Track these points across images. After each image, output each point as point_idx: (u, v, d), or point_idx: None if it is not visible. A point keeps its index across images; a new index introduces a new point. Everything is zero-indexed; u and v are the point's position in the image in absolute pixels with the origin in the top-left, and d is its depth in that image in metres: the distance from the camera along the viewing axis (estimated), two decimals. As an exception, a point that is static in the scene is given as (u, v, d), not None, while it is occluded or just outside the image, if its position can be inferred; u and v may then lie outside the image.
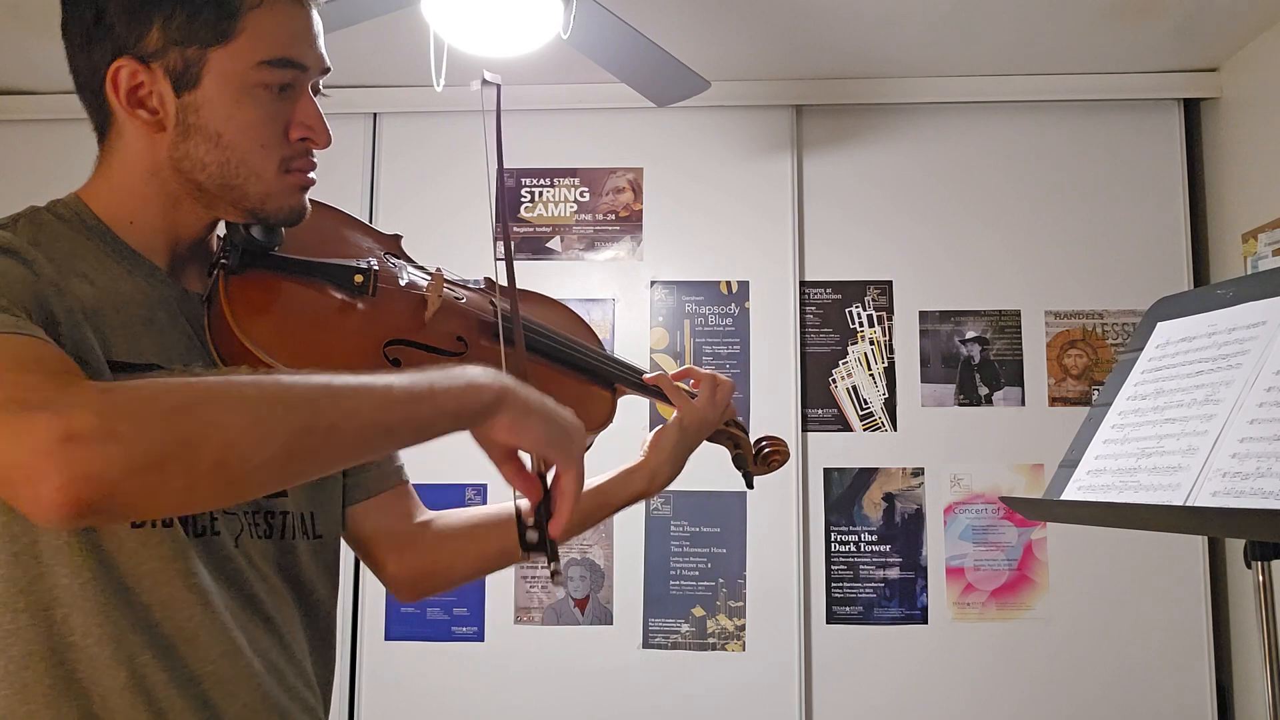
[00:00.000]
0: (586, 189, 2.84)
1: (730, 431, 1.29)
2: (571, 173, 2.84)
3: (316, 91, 0.95)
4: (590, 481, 1.18)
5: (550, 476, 0.87)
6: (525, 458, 0.89)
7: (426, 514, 1.16)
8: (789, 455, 1.33)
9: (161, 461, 0.65)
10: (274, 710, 0.90)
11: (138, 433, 0.64)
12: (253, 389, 0.70)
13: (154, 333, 0.89)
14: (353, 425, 0.73)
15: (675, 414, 1.22)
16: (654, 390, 1.24)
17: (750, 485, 1.33)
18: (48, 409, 0.64)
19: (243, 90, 0.88)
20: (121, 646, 0.82)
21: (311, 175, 0.95)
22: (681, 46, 2.29)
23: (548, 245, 2.82)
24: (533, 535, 0.87)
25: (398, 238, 1.12)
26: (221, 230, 0.98)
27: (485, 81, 0.99)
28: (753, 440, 1.32)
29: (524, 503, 0.89)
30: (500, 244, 2.43)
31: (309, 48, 0.92)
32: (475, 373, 0.82)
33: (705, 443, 1.27)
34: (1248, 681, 2.54)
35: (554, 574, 0.86)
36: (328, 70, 0.95)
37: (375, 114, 2.85)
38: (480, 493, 2.67)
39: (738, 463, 1.31)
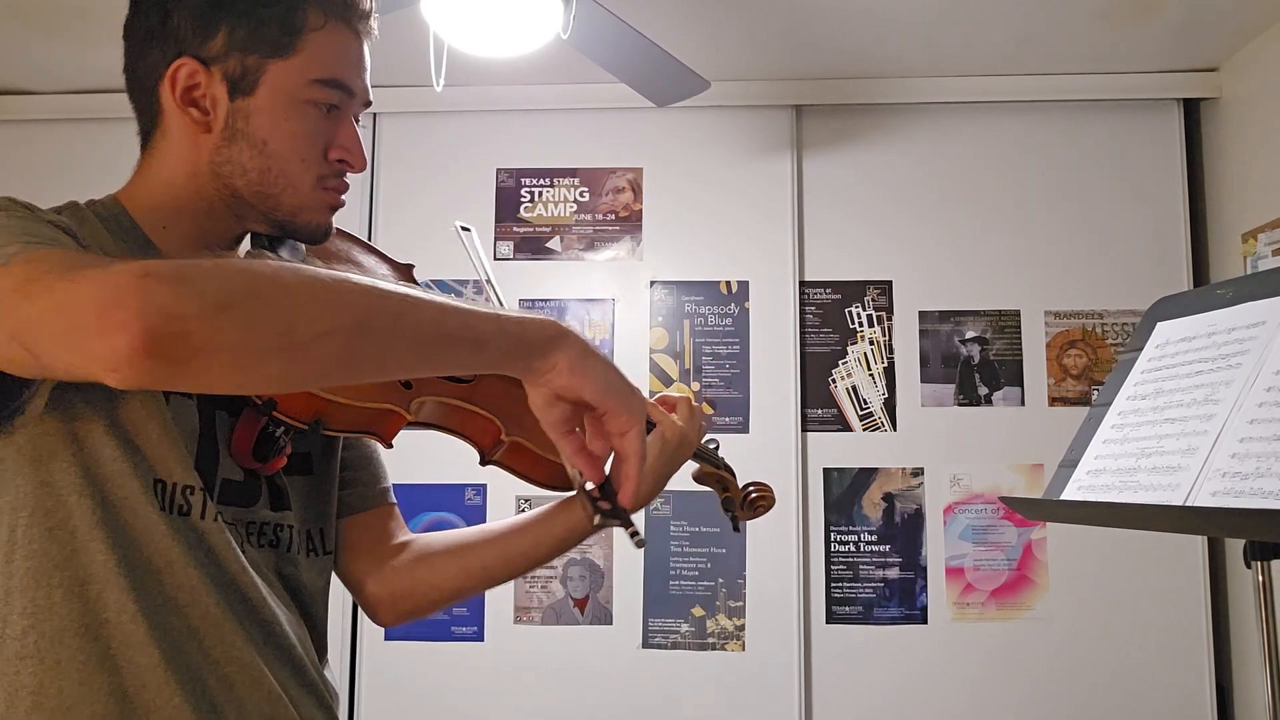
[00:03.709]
0: (586, 189, 2.84)
1: (720, 475, 1.31)
2: (571, 173, 2.84)
3: (356, 120, 0.98)
4: (560, 500, 1.17)
5: (610, 456, 0.88)
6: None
7: (408, 535, 1.17)
8: (775, 501, 1.34)
9: (229, 305, 0.65)
10: (293, 702, 0.92)
11: (212, 277, 0.66)
12: (322, 270, 0.71)
13: None
14: (412, 319, 0.74)
15: (657, 428, 1.19)
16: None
17: (736, 529, 1.35)
18: (125, 263, 0.66)
19: (293, 104, 0.92)
20: (156, 624, 0.83)
21: (342, 197, 0.98)
22: (681, 46, 2.29)
23: (547, 245, 2.82)
24: (605, 505, 0.87)
25: (410, 266, 1.14)
26: (243, 251, 1.00)
27: (462, 228, 1.07)
28: (741, 485, 1.34)
29: (586, 482, 0.89)
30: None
31: (358, 76, 0.96)
32: (540, 315, 0.83)
33: (696, 484, 1.29)
34: (1248, 681, 2.54)
35: (634, 535, 0.86)
36: (369, 103, 0.99)
37: (375, 114, 2.85)
38: (480, 492, 2.67)
39: (726, 506, 1.33)
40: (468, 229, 1.07)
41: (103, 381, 0.65)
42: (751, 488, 1.33)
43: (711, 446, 1.30)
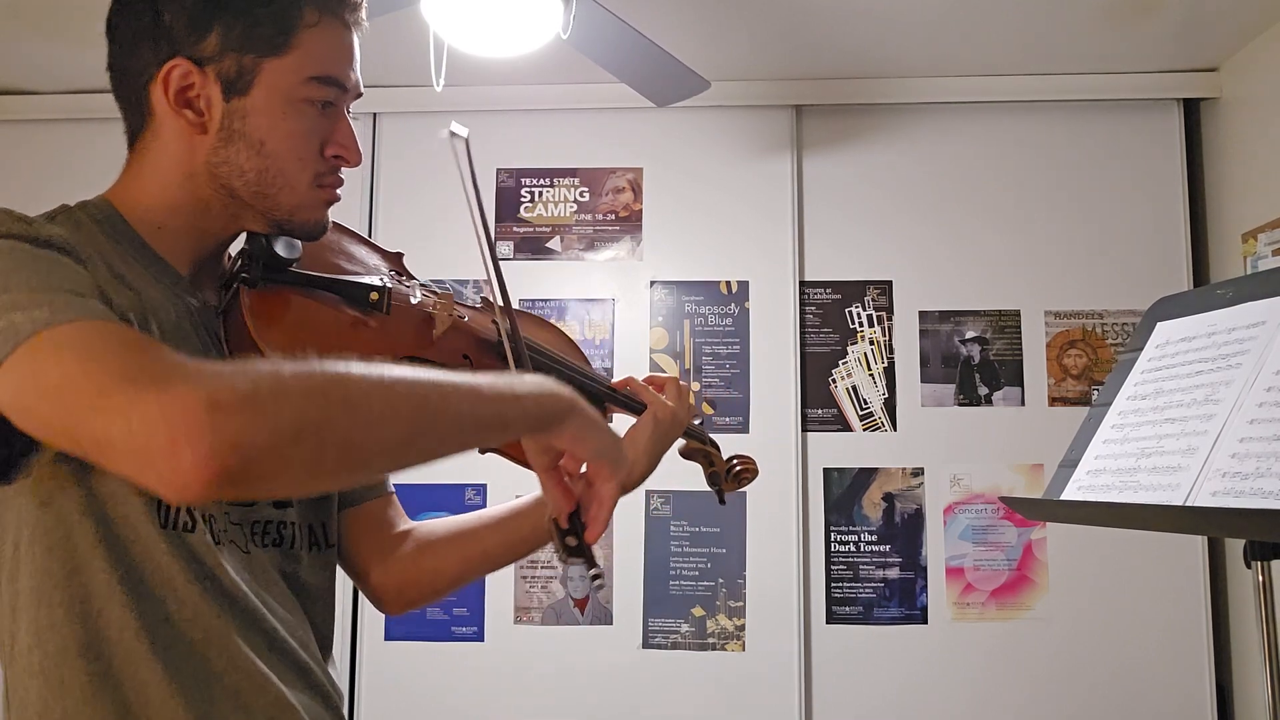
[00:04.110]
0: (586, 189, 2.84)
1: (706, 450, 1.34)
2: (571, 173, 2.84)
3: (347, 113, 0.98)
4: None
5: (585, 486, 0.91)
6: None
7: (408, 523, 1.18)
8: (758, 472, 1.37)
9: (298, 434, 0.66)
10: (300, 706, 0.91)
11: (279, 406, 0.66)
12: (372, 376, 0.72)
13: (182, 340, 0.89)
14: (453, 417, 0.77)
15: (648, 409, 1.23)
16: (624, 398, 1.24)
17: (722, 501, 1.38)
18: (187, 381, 0.65)
19: (289, 103, 0.91)
20: (158, 639, 0.83)
21: (338, 192, 0.97)
22: (681, 46, 2.29)
23: (547, 245, 2.82)
24: (571, 541, 0.91)
25: (400, 255, 1.14)
26: (233, 249, 1.00)
27: (453, 134, 1.01)
28: (725, 458, 1.37)
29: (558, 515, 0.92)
30: (495, 285, 2.41)
31: (351, 71, 0.96)
32: (547, 381, 0.85)
33: (683, 460, 1.32)
34: (1248, 681, 2.54)
35: (595, 578, 0.91)
36: (360, 95, 0.98)
37: (375, 114, 2.85)
38: (480, 492, 2.67)
39: (711, 480, 1.37)
40: (460, 134, 1.01)
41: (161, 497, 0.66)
42: (735, 460, 1.37)
43: (695, 422, 1.32)
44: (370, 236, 2.78)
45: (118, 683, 0.81)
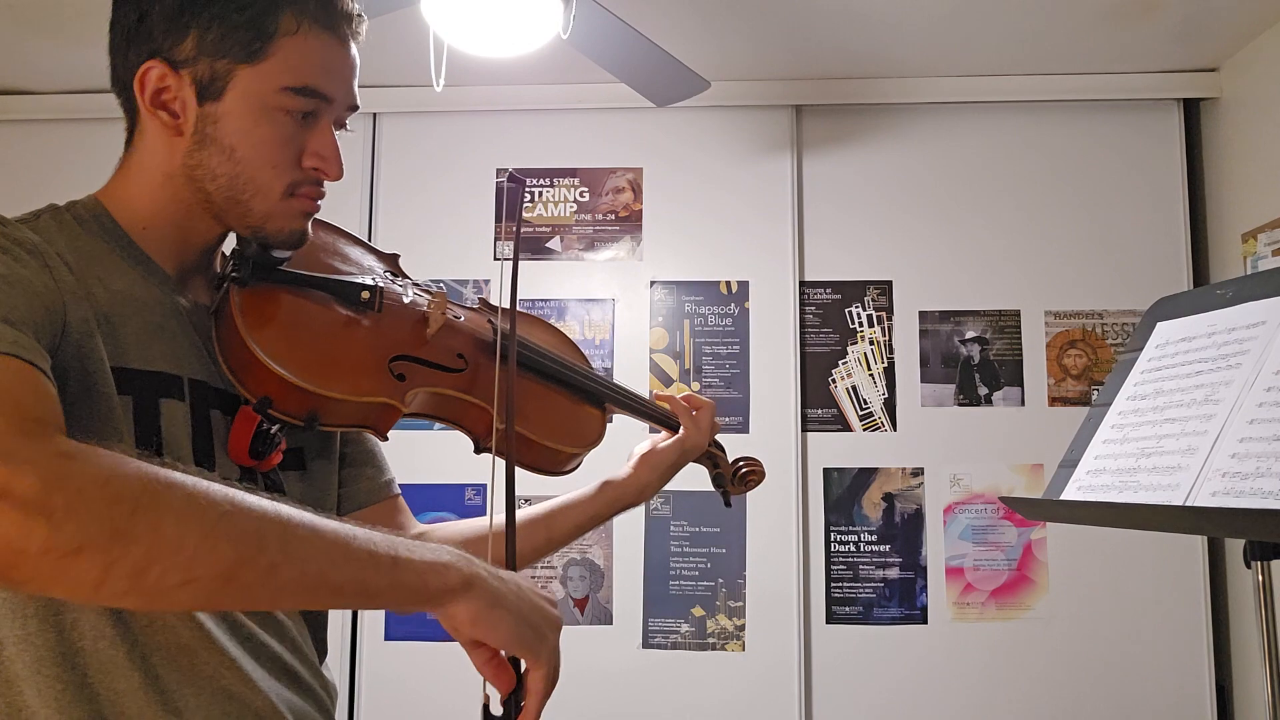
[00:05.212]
0: (586, 189, 2.83)
1: (712, 452, 1.34)
2: (571, 173, 2.84)
3: (341, 125, 0.97)
4: (575, 494, 1.23)
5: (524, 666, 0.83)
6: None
7: (420, 527, 1.17)
8: (765, 475, 1.38)
9: (79, 551, 0.62)
10: (291, 710, 0.91)
11: (69, 515, 0.62)
12: (210, 504, 0.67)
13: (165, 339, 0.90)
14: (294, 571, 0.70)
15: (678, 436, 1.28)
16: (657, 412, 1.29)
17: (728, 504, 1.39)
18: (6, 462, 0.62)
19: (263, 111, 0.90)
20: (136, 648, 0.82)
21: (317, 203, 0.97)
22: (681, 46, 2.29)
23: (547, 245, 2.82)
24: None
25: (396, 256, 1.14)
26: (227, 248, 1.00)
27: (511, 178, 1.02)
28: (731, 460, 1.37)
29: (492, 691, 0.84)
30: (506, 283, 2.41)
31: (337, 82, 0.94)
32: (448, 554, 0.79)
33: (699, 486, 1.36)
34: (1248, 681, 2.54)
35: None
36: (356, 107, 0.97)
37: (375, 114, 2.85)
38: (480, 492, 2.67)
39: (717, 482, 1.37)
40: (518, 180, 1.00)
41: None
42: (741, 462, 1.37)
43: None
44: (369, 237, 2.78)
45: (93, 693, 0.81)
